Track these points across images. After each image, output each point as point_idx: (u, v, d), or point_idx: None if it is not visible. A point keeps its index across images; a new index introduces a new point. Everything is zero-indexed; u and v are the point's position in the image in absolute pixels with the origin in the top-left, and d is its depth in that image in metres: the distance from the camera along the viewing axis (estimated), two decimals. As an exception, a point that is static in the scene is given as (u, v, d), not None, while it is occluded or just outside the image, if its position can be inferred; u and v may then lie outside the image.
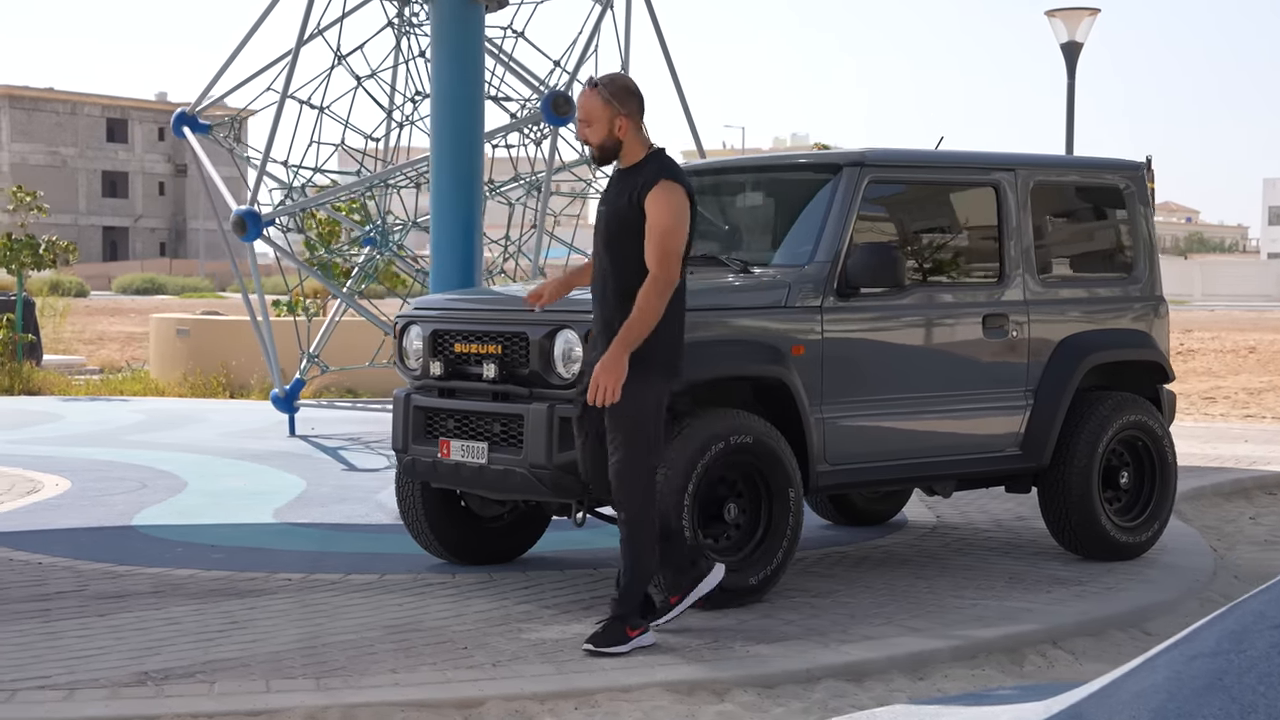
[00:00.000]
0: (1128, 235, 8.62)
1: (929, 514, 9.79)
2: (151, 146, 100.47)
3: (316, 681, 5.82)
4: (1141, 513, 8.41)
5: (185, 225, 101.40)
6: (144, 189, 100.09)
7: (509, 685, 5.80)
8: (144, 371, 21.32)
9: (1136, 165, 8.67)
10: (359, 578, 7.69)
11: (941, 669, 6.37)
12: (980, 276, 8.09)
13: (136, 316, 43.16)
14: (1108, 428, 8.18)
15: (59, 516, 9.50)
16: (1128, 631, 7.08)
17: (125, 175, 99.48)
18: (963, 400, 7.90)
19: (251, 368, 18.80)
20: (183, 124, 14.10)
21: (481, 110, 10.17)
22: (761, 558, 7.16)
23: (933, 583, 7.71)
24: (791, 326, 7.32)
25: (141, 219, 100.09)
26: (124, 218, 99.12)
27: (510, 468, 7.12)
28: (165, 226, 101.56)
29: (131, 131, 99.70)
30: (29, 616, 6.82)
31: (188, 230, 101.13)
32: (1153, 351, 8.49)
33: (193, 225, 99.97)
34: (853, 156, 7.67)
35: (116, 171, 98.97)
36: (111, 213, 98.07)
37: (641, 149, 6.46)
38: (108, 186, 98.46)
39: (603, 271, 6.48)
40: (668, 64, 13.71)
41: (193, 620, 6.77)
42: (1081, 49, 17.34)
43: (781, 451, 7.15)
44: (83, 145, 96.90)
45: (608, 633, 6.31)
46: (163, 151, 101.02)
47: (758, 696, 5.93)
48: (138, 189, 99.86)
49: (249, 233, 12.70)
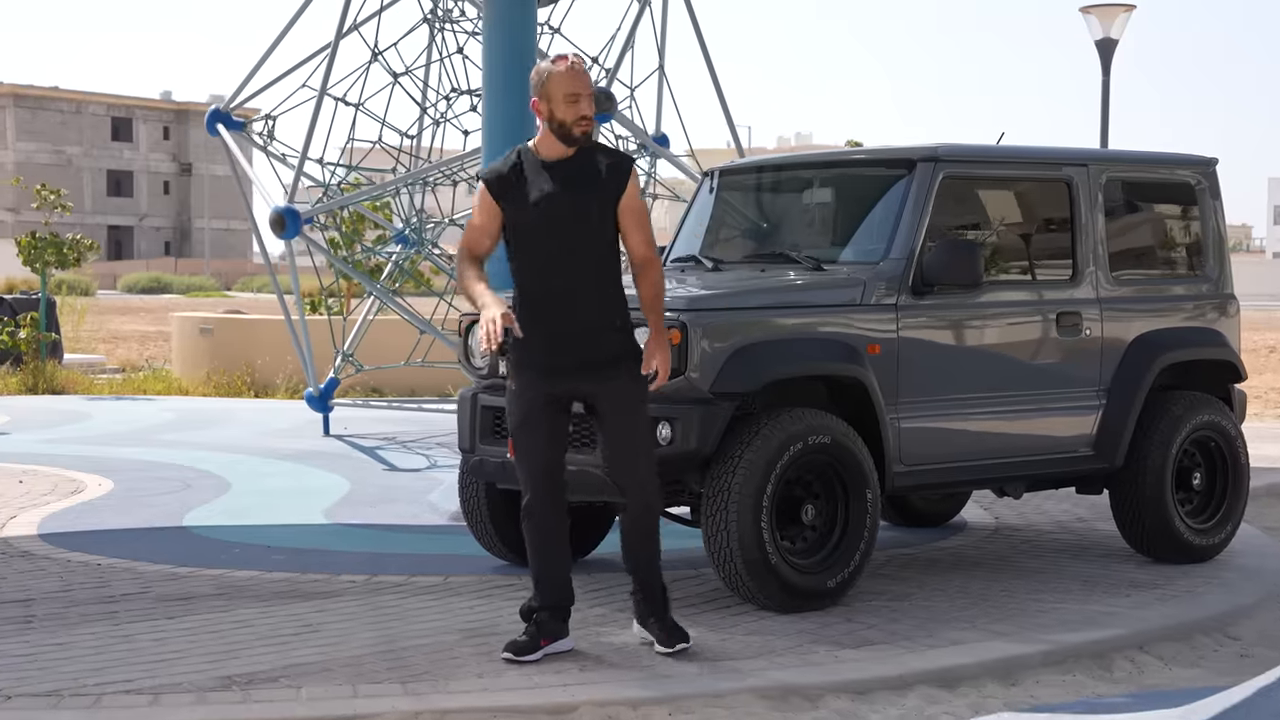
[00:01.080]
0: (1199, 232, 8.50)
1: (986, 515, 9.66)
2: (156, 145, 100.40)
3: (403, 686, 5.70)
4: (1214, 514, 8.29)
5: (190, 224, 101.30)
6: (149, 188, 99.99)
7: (599, 691, 5.69)
8: (166, 370, 21.21)
9: (1209, 161, 8.55)
10: (423, 579, 7.57)
11: (1032, 674, 6.25)
12: (1053, 274, 7.97)
13: (147, 315, 43.08)
14: (1181, 428, 8.06)
15: (108, 517, 9.38)
16: (1212, 636, 6.97)
17: (130, 174, 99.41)
18: (1036, 400, 7.77)
19: (277, 367, 18.68)
20: (217, 121, 13.97)
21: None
22: (839, 560, 7.03)
23: (1008, 585, 7.59)
24: (868, 325, 7.20)
25: (146, 218, 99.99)
26: (129, 217, 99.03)
27: (584, 468, 6.98)
28: (170, 225, 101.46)
29: (136, 130, 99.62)
30: (97, 619, 6.70)
31: (192, 229, 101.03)
32: (1225, 350, 8.37)
33: (198, 224, 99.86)
34: (926, 152, 7.55)
35: (121, 170, 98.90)
36: (116, 212, 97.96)
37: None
38: (112, 185, 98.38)
39: (561, 265, 6.07)
40: (706, 62, 13.59)
41: (263, 623, 6.65)
42: (1116, 45, 17.23)
43: (859, 452, 7.03)
44: (87, 144, 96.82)
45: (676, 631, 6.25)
46: (167, 150, 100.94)
47: (851, 703, 5.81)
48: (142, 188, 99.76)
49: (288, 230, 12.58)
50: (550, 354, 6.11)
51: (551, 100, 6.03)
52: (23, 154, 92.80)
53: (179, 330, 20.61)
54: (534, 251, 6.11)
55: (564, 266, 6.07)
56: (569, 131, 6.06)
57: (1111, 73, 17.19)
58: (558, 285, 6.08)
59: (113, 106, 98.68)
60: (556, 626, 6.24)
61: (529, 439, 6.20)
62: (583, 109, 6.04)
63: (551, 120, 6.06)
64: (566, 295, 6.08)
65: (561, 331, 6.09)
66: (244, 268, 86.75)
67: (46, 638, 6.36)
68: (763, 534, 6.77)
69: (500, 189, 6.15)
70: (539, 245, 6.10)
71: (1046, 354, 7.80)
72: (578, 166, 6.10)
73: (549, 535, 6.29)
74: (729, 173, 8.50)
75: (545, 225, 6.08)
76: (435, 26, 14.28)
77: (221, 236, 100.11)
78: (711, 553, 6.88)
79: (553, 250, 6.07)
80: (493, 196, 6.15)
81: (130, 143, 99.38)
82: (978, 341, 7.60)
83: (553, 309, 6.09)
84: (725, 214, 8.52)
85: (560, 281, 6.07)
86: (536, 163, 6.13)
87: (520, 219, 6.11)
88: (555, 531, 6.29)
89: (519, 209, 6.11)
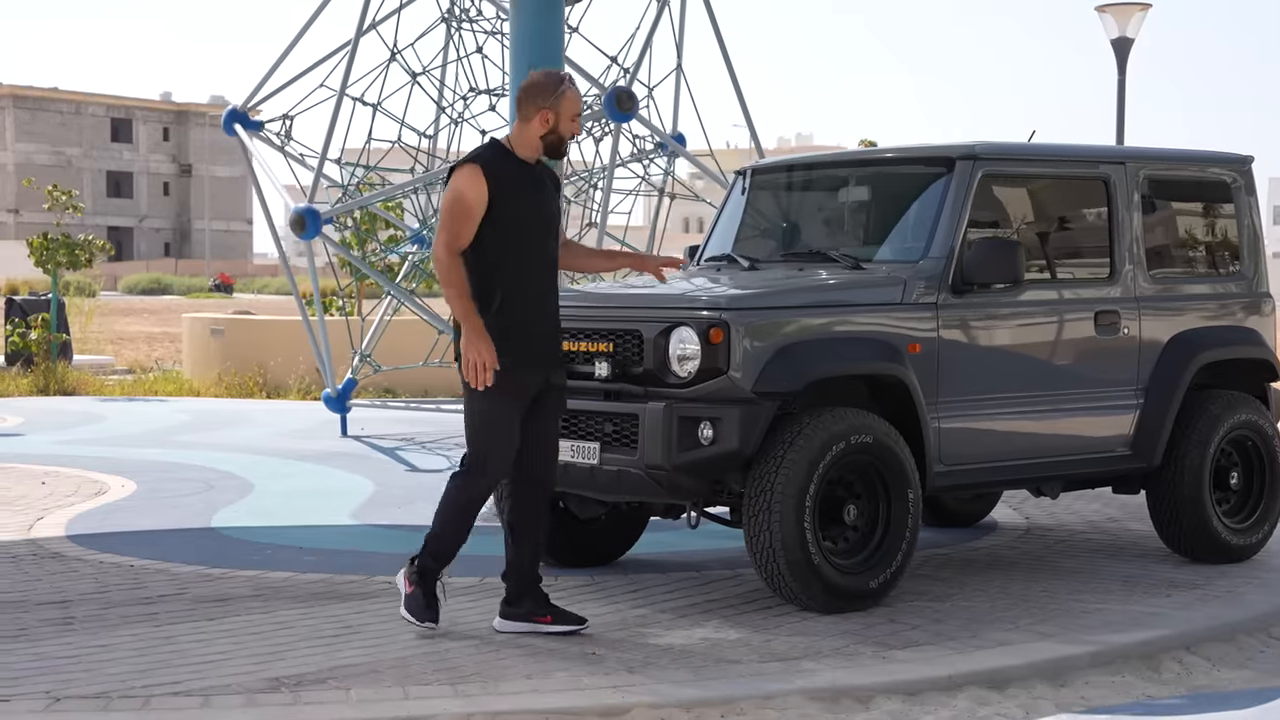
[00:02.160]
0: (1235, 230, 8.46)
1: (1017, 516, 9.63)
2: (156, 146, 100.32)
3: (453, 688, 5.66)
4: (1251, 514, 8.25)
5: (190, 225, 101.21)
6: (149, 189, 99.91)
7: (651, 693, 5.64)
8: (176, 371, 21.16)
9: (1244, 159, 8.51)
10: (459, 581, 7.48)
11: (1081, 675, 6.21)
12: (1091, 273, 7.93)
13: (150, 317, 43.02)
14: (1219, 427, 8.02)
15: (135, 518, 9.34)
16: (1256, 637, 6.93)
17: (130, 175, 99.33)
18: (1074, 400, 7.73)
19: (289, 368, 18.64)
20: (234, 121, 13.90)
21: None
22: (881, 561, 6.99)
23: (1048, 586, 7.55)
24: (908, 324, 7.16)
25: (146, 219, 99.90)
26: (129, 218, 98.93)
27: (625, 469, 6.95)
28: (170, 227, 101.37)
29: (136, 131, 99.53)
30: (137, 621, 6.66)
31: (192, 230, 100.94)
32: (1262, 349, 8.33)
33: (198, 225, 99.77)
34: (964, 150, 7.51)
35: (121, 171, 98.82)
36: (116, 213, 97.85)
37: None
38: (112, 186, 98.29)
39: (552, 262, 6.43)
40: (726, 63, 13.53)
41: (304, 624, 6.61)
42: (1132, 45, 17.19)
43: (901, 452, 6.99)
44: (87, 145, 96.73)
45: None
46: (167, 152, 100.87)
47: (902, 704, 5.77)
48: (142, 189, 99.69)
49: (308, 230, 12.53)
50: (538, 345, 6.39)
51: (561, 115, 6.34)
52: (22, 155, 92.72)
53: (189, 331, 20.56)
54: (521, 247, 6.31)
55: (542, 263, 6.39)
56: (563, 147, 6.42)
57: (1127, 71, 17.16)
58: (539, 281, 6.37)
59: (112, 107, 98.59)
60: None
61: (510, 433, 6.37)
62: (578, 128, 6.47)
63: (552, 132, 6.36)
64: (544, 290, 6.40)
65: (541, 325, 6.39)
66: (244, 268, 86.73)
67: (88, 639, 6.32)
68: (805, 534, 6.73)
69: (500, 180, 6.29)
70: (526, 242, 6.32)
71: (1084, 353, 7.76)
72: (539, 173, 6.44)
73: (475, 513, 6.52)
74: (762, 171, 8.46)
75: (536, 223, 6.35)
76: (453, 26, 14.23)
77: (222, 237, 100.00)
78: (753, 553, 6.84)
79: (537, 248, 6.36)
80: (491, 186, 6.25)
81: (130, 144, 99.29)
82: (1016, 341, 7.56)
83: (534, 303, 6.36)
84: (758, 213, 8.48)
85: (541, 276, 6.38)
86: (515, 160, 6.37)
87: (514, 213, 6.28)
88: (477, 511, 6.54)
89: (512, 204, 6.28)
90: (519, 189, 6.31)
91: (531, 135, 6.36)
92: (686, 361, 6.82)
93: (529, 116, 6.35)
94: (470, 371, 6.20)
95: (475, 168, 6.26)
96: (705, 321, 6.76)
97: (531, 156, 6.39)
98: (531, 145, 6.38)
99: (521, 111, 6.40)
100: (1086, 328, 7.76)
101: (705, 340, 6.74)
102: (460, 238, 6.24)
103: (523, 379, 6.33)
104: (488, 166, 6.27)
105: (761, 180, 8.45)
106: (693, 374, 6.80)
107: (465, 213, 6.23)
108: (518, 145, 6.38)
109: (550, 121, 6.33)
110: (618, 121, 12.21)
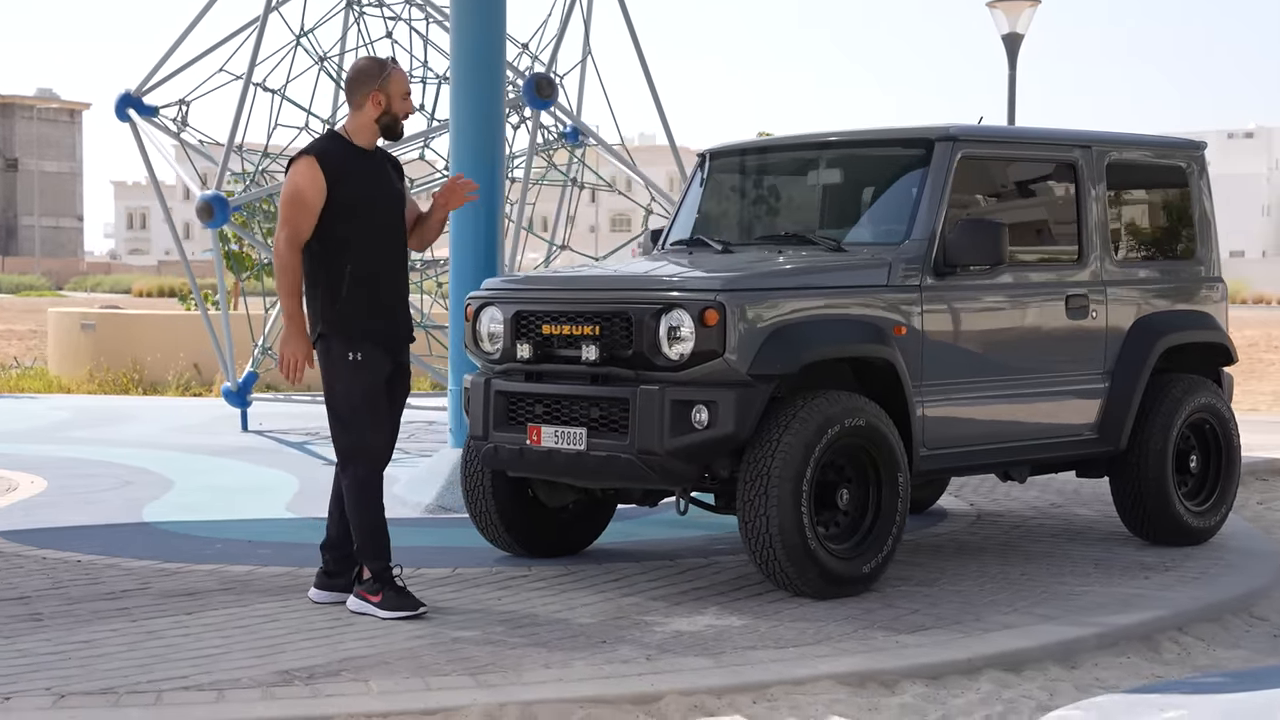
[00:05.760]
0: (1190, 215, 8.53)
1: (961, 503, 9.62)
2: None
3: (474, 678, 5.46)
4: (1209, 496, 8.32)
5: (17, 222, 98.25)
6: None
7: (680, 679, 5.49)
8: (41, 368, 20.44)
9: (1198, 144, 8.59)
10: (433, 572, 7.30)
11: (1090, 657, 6.18)
12: (1060, 256, 7.94)
13: (-12, 315, 41.63)
14: (1181, 410, 8.07)
15: (58, 514, 8.94)
16: (1240, 617, 6.97)
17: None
18: (1047, 383, 7.73)
19: (167, 364, 18.11)
20: (127, 106, 13.41)
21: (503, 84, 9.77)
22: (872, 545, 6.91)
23: (1025, 569, 7.53)
24: (894, 306, 7.09)
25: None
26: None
27: (614, 454, 6.78)
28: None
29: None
30: (111, 616, 6.33)
31: (19, 227, 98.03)
32: (1219, 333, 8.41)
33: (25, 222, 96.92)
34: (941, 131, 7.46)
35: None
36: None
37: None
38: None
39: (399, 245, 6.56)
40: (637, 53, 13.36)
41: (289, 617, 6.35)
42: (1023, 40, 17.40)
43: (892, 435, 6.91)
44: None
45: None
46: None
47: (927, 687, 5.69)
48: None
49: (216, 218, 12.12)
50: (393, 324, 6.51)
51: (392, 97, 6.49)
52: None
53: (56, 326, 19.87)
54: (369, 231, 6.43)
55: (393, 245, 6.52)
56: (398, 127, 6.55)
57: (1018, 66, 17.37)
58: (390, 262, 6.51)
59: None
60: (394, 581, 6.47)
61: (380, 409, 6.47)
62: (410, 106, 6.57)
63: (385, 113, 6.49)
64: (396, 271, 6.53)
65: (395, 305, 6.53)
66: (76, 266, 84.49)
67: (66, 635, 6.00)
68: (803, 519, 6.62)
69: (338, 169, 6.38)
70: (374, 224, 6.44)
71: (1058, 337, 7.77)
72: (380, 159, 6.57)
73: (378, 498, 6.51)
74: (726, 154, 8.34)
75: (382, 206, 6.47)
76: (355, 10, 13.90)
77: (51, 234, 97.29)
78: (748, 539, 6.71)
79: (386, 230, 6.49)
80: (329, 175, 6.35)
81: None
82: (995, 324, 7.54)
83: (387, 284, 6.49)
84: (724, 196, 8.36)
85: (392, 258, 6.51)
86: (354, 148, 6.49)
87: (358, 199, 6.40)
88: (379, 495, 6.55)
89: (354, 189, 6.39)
90: (358, 176, 6.43)
91: (366, 120, 6.49)
92: (679, 344, 6.67)
93: (361, 103, 6.49)
94: (286, 368, 6.40)
95: (311, 159, 6.38)
96: (700, 303, 6.62)
97: (369, 142, 6.52)
98: (368, 130, 6.50)
99: (353, 99, 6.53)
100: (1059, 312, 7.77)
101: (700, 322, 6.60)
102: (302, 231, 6.36)
103: (376, 359, 6.44)
104: (323, 156, 6.39)
105: (726, 163, 8.33)
106: (686, 356, 6.66)
107: (303, 206, 6.34)
108: (354, 133, 6.52)
109: (382, 103, 6.48)
110: (537, 109, 11.99)
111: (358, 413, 6.43)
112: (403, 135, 6.68)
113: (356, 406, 6.42)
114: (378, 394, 6.47)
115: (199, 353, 18.06)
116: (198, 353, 18.10)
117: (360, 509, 6.46)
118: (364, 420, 6.44)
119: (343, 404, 6.45)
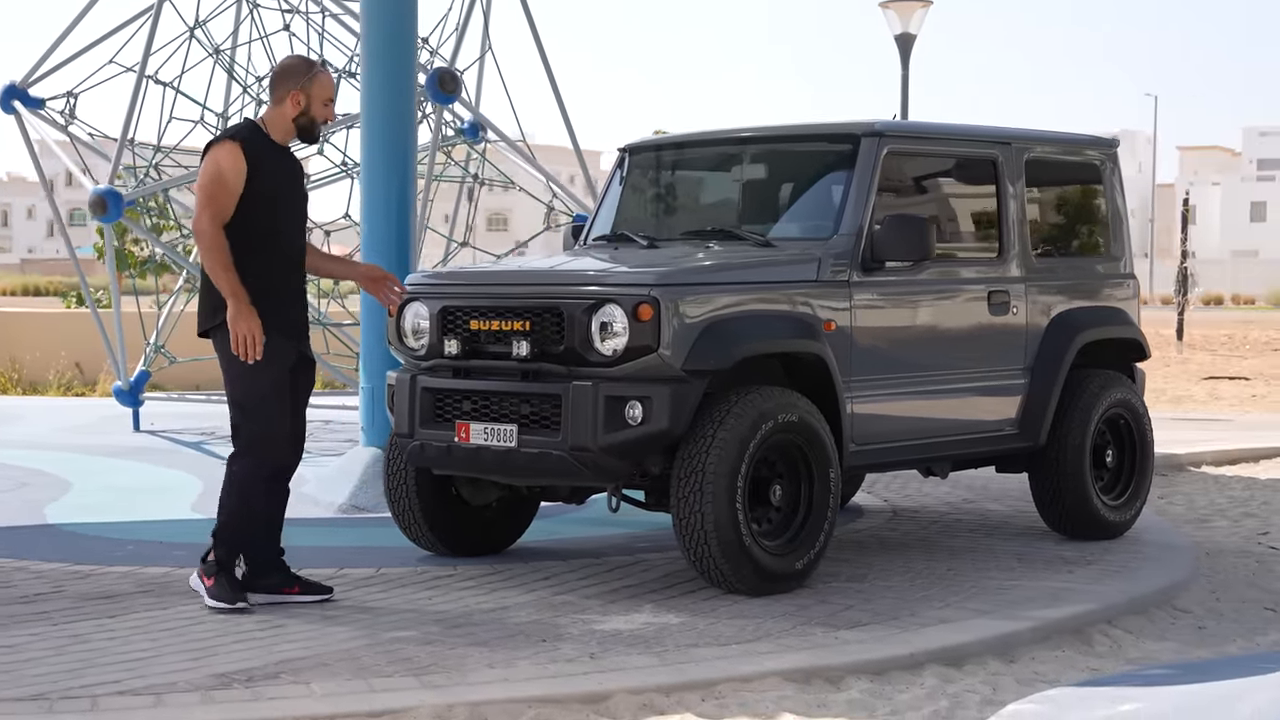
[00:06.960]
0: (1105, 212, 8.61)
1: (875, 499, 9.63)
2: None
3: (417, 679, 5.35)
4: (1124, 491, 8.40)
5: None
6: None
7: (628, 678, 5.43)
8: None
9: (1112, 142, 8.68)
10: (356, 573, 7.15)
11: (1027, 651, 6.20)
12: (982, 252, 7.98)
13: None
14: (1098, 406, 8.14)
15: (-46, 515, 8.66)
16: (1164, 609, 7.04)
17: None
18: (970, 379, 7.76)
19: (47, 362, 17.68)
20: (12, 98, 13.06)
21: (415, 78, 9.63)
22: (804, 542, 6.89)
23: (951, 565, 7.54)
24: (824, 301, 7.07)
25: None
26: None
27: (545, 450, 6.69)
28: None
29: None
30: (28, 620, 6.13)
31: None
32: (1133, 329, 8.50)
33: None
34: (867, 127, 7.45)
35: None
36: None
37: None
38: None
39: (302, 240, 6.61)
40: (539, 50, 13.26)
41: (215, 619, 6.19)
42: (915, 41, 17.54)
43: (823, 431, 6.89)
44: None
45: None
46: None
47: (872, 683, 5.67)
48: None
49: (110, 213, 11.83)
50: (298, 314, 6.50)
51: (313, 100, 6.45)
52: None
53: (-74, 324, 19.31)
54: (285, 219, 6.45)
55: (299, 239, 6.56)
56: (315, 131, 6.52)
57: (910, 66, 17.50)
58: (298, 252, 6.52)
59: None
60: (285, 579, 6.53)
61: (286, 398, 6.42)
62: (330, 113, 6.56)
63: (304, 114, 6.46)
64: (299, 266, 6.54)
65: (299, 297, 6.56)
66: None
67: (-16, 640, 5.79)
68: (737, 515, 6.57)
69: (258, 158, 6.37)
70: (289, 213, 6.48)
71: (980, 333, 7.80)
72: (292, 157, 6.61)
73: (271, 496, 6.48)
74: (647, 149, 8.27)
75: (294, 201, 6.50)
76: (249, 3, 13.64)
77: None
78: (682, 535, 6.65)
79: (298, 219, 6.54)
80: (250, 163, 6.33)
81: None
82: (921, 320, 7.55)
83: (296, 276, 6.52)
84: (646, 191, 8.29)
85: (297, 252, 6.52)
86: (271, 142, 6.48)
87: (273, 191, 6.39)
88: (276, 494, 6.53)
89: (270, 182, 6.39)
90: (273, 168, 6.43)
91: (284, 117, 6.47)
92: (613, 339, 6.59)
93: (281, 98, 6.46)
94: (240, 345, 6.24)
95: (234, 145, 6.35)
96: (634, 298, 6.55)
97: (284, 139, 6.50)
98: (284, 127, 6.48)
99: (274, 94, 6.50)
100: (981, 307, 7.80)
101: (634, 317, 6.53)
102: (225, 210, 6.31)
103: (283, 348, 6.39)
104: (246, 144, 6.38)
105: (647, 159, 8.26)
106: (619, 352, 6.58)
107: (225, 186, 6.30)
108: (271, 127, 6.49)
109: (301, 104, 6.44)
110: (441, 104, 11.85)
111: (266, 401, 6.37)
112: (318, 139, 6.66)
113: (265, 395, 6.37)
114: (284, 383, 6.42)
115: (80, 351, 17.67)
116: (79, 351, 17.70)
117: (239, 497, 6.41)
118: (271, 408, 6.38)
119: (249, 393, 6.38)
